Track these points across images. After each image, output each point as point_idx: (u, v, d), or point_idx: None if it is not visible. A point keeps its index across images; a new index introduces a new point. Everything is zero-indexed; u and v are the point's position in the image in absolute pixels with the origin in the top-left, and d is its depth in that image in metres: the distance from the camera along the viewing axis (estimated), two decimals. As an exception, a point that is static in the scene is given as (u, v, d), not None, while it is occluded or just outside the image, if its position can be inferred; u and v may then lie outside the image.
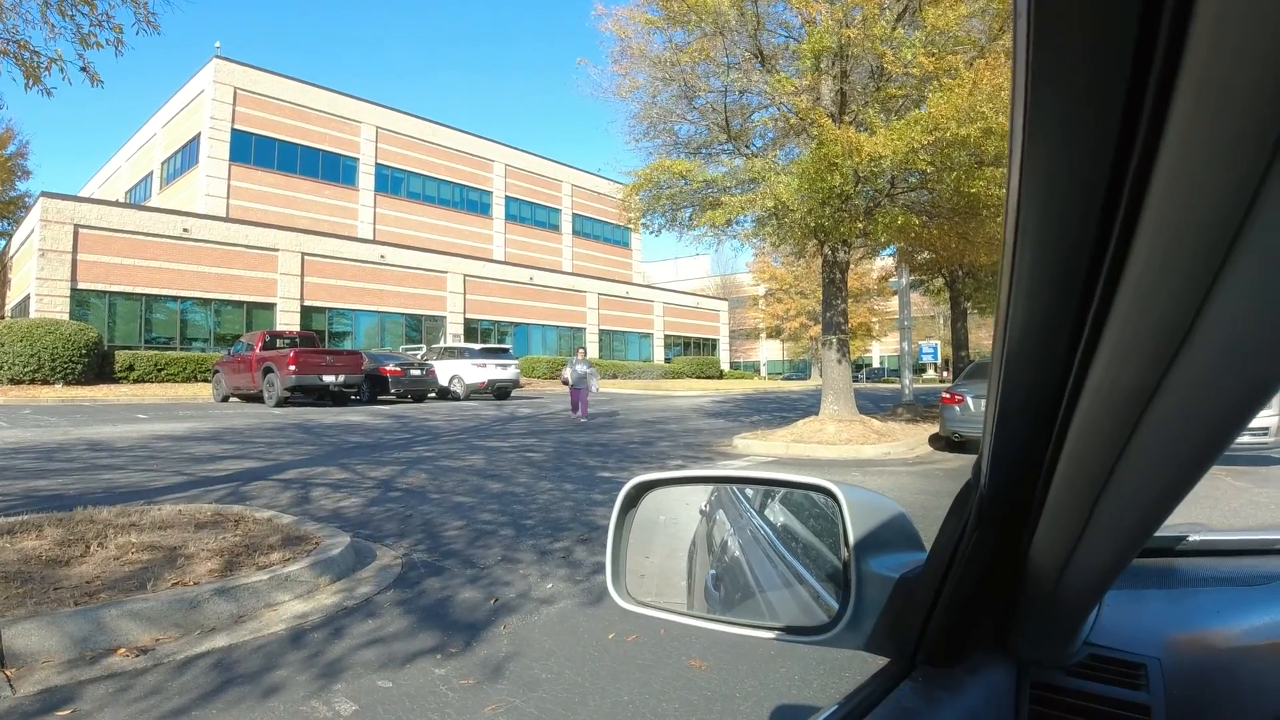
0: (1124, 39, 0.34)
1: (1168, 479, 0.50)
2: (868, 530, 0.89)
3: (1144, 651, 0.86)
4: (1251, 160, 0.30)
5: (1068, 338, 0.50)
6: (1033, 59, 0.36)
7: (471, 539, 6.01)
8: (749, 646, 3.73)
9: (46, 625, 3.58)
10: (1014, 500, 0.71)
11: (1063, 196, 0.42)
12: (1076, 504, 0.59)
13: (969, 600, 0.81)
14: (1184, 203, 0.34)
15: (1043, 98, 0.38)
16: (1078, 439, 0.54)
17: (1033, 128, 0.40)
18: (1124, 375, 0.45)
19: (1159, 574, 1.07)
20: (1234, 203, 0.31)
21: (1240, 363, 0.39)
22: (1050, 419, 0.58)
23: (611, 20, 14.37)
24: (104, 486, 7.93)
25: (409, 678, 3.45)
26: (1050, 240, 0.45)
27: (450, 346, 30.99)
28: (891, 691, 0.82)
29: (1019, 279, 0.49)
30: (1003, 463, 0.68)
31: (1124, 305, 0.42)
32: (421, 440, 13.49)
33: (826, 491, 0.95)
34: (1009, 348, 0.55)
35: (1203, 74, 0.30)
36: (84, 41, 7.10)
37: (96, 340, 26.65)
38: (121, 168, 49.94)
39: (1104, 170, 0.39)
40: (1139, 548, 0.62)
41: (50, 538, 4.94)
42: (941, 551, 0.81)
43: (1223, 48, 0.29)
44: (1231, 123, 0.30)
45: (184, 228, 31.58)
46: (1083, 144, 0.39)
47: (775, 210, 13.31)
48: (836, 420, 14.14)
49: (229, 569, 4.59)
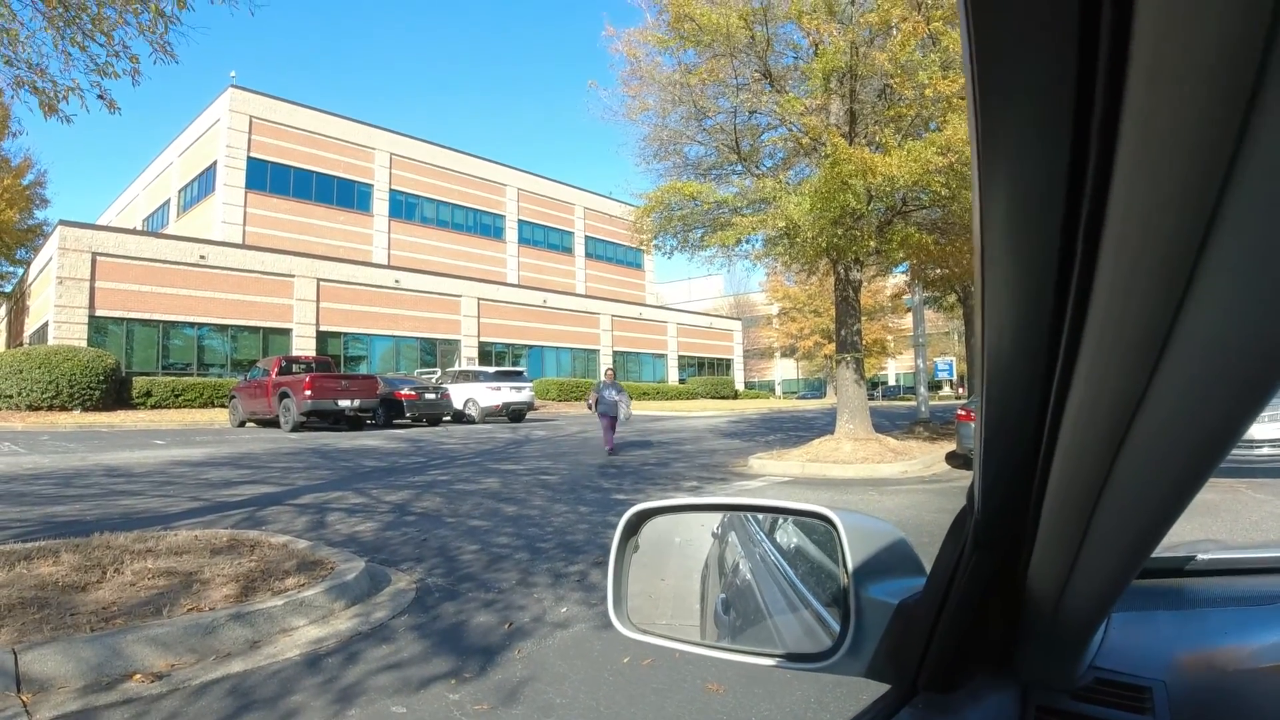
0: (1066, 57, 0.34)
1: (1159, 496, 0.50)
2: (867, 556, 0.88)
3: (1151, 674, 0.85)
4: (1203, 174, 0.30)
5: (1044, 361, 0.50)
6: (979, 75, 0.36)
7: (486, 563, 6.00)
8: (765, 671, 3.69)
9: (63, 651, 3.59)
10: (1009, 523, 0.70)
11: (1023, 218, 0.42)
12: (1070, 525, 0.59)
13: (969, 625, 0.80)
14: (1142, 217, 0.34)
15: (993, 118, 0.38)
16: (1065, 460, 0.54)
17: (987, 150, 0.39)
18: (1103, 396, 0.44)
19: (1168, 595, 1.05)
20: (1193, 211, 0.31)
21: (1219, 375, 0.38)
22: (1036, 441, 0.58)
23: (622, 42, 14.49)
24: (121, 512, 7.97)
25: (423, 703, 3.43)
26: (1016, 263, 0.45)
27: (464, 370, 31.09)
28: (891, 718, 0.81)
29: (991, 304, 0.49)
30: (995, 486, 0.68)
31: (1095, 327, 0.42)
32: (436, 464, 13.50)
33: (824, 518, 0.94)
34: (989, 371, 0.55)
35: (1147, 91, 0.30)
36: (101, 72, 7.20)
37: (114, 366, 26.85)
38: (139, 196, 50.54)
39: (1060, 189, 0.39)
40: (1137, 568, 0.61)
41: (67, 563, 4.96)
42: (940, 576, 0.80)
43: (1164, 60, 0.29)
44: (1181, 136, 0.30)
45: (200, 255, 31.87)
46: (1038, 164, 0.39)
47: (786, 230, 13.32)
48: (852, 439, 14.07)
49: (244, 594, 4.60)
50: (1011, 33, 0.34)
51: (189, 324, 31.64)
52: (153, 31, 7.21)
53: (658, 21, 13.94)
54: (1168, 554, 1.17)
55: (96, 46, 7.08)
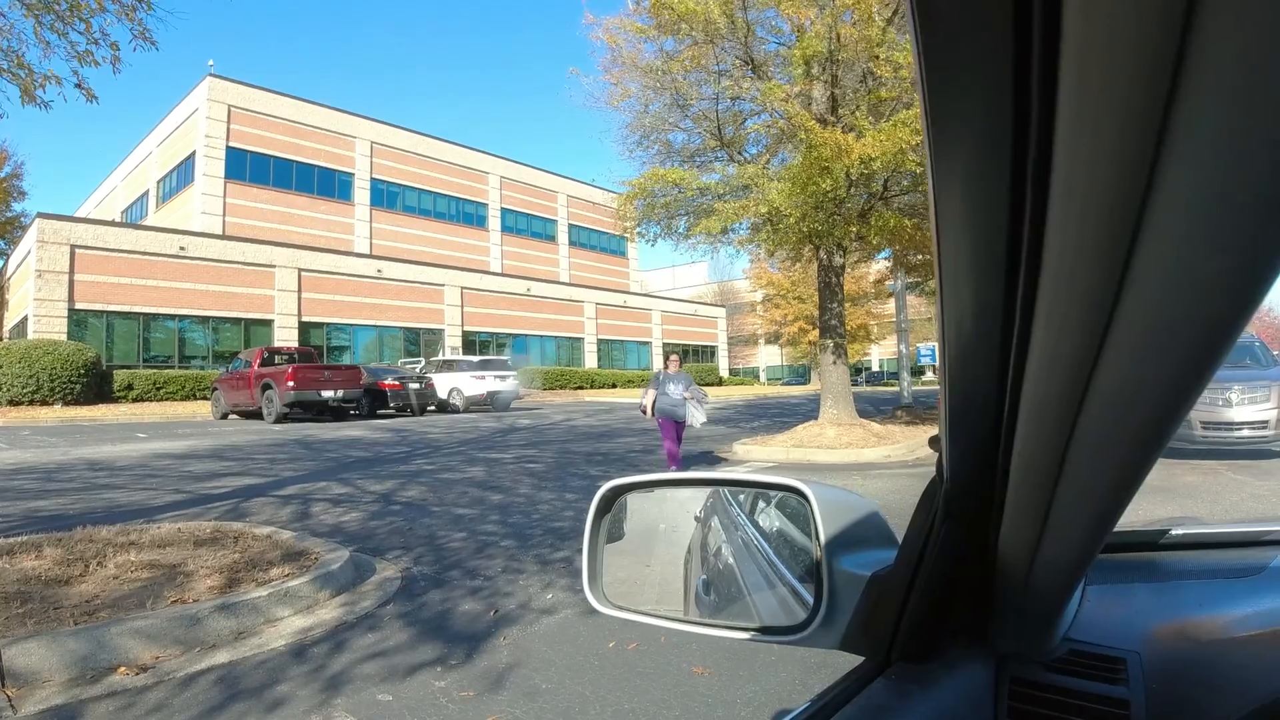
0: (1002, 51, 0.36)
1: (1116, 468, 0.51)
2: (840, 529, 0.88)
3: (1125, 645, 0.86)
4: (1134, 156, 0.31)
5: (1000, 337, 0.52)
6: (925, 61, 0.37)
7: (472, 551, 6.01)
8: (750, 653, 3.74)
9: (47, 644, 3.58)
10: (977, 495, 0.71)
11: (972, 201, 0.44)
12: (1035, 497, 0.60)
13: (941, 596, 0.81)
14: (1080, 198, 0.36)
15: (940, 110, 0.39)
16: (1025, 433, 0.55)
17: (937, 144, 0.41)
18: (1056, 370, 0.46)
19: (1143, 568, 1.06)
20: (1128, 191, 0.32)
21: (1162, 350, 0.40)
22: (998, 415, 0.59)
23: (602, 30, 14.43)
24: (104, 506, 7.93)
25: (409, 690, 3.45)
26: (967, 243, 0.47)
27: (449, 359, 31.00)
28: (864, 689, 0.82)
29: (948, 284, 0.50)
30: (962, 459, 0.69)
31: (1045, 305, 0.43)
32: (421, 453, 13.48)
33: (797, 491, 0.94)
34: (950, 350, 0.56)
35: (1079, 74, 0.31)
36: (81, 59, 7.12)
37: (95, 360, 26.63)
38: (118, 187, 49.97)
39: (1005, 175, 0.41)
40: (1102, 539, 0.63)
41: (50, 557, 4.94)
42: (911, 548, 0.81)
43: (1092, 46, 0.30)
44: (1111, 119, 0.31)
45: (180, 246, 31.57)
46: (982, 152, 0.41)
47: (769, 216, 13.34)
48: (836, 424, 14.14)
49: (229, 586, 4.59)
50: (951, 9, 0.35)
51: (170, 316, 31.36)
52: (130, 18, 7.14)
53: (638, 8, 13.90)
54: (1144, 528, 1.19)
55: (76, 34, 7.01)
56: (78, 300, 28.79)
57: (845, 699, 0.80)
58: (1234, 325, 0.37)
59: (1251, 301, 0.35)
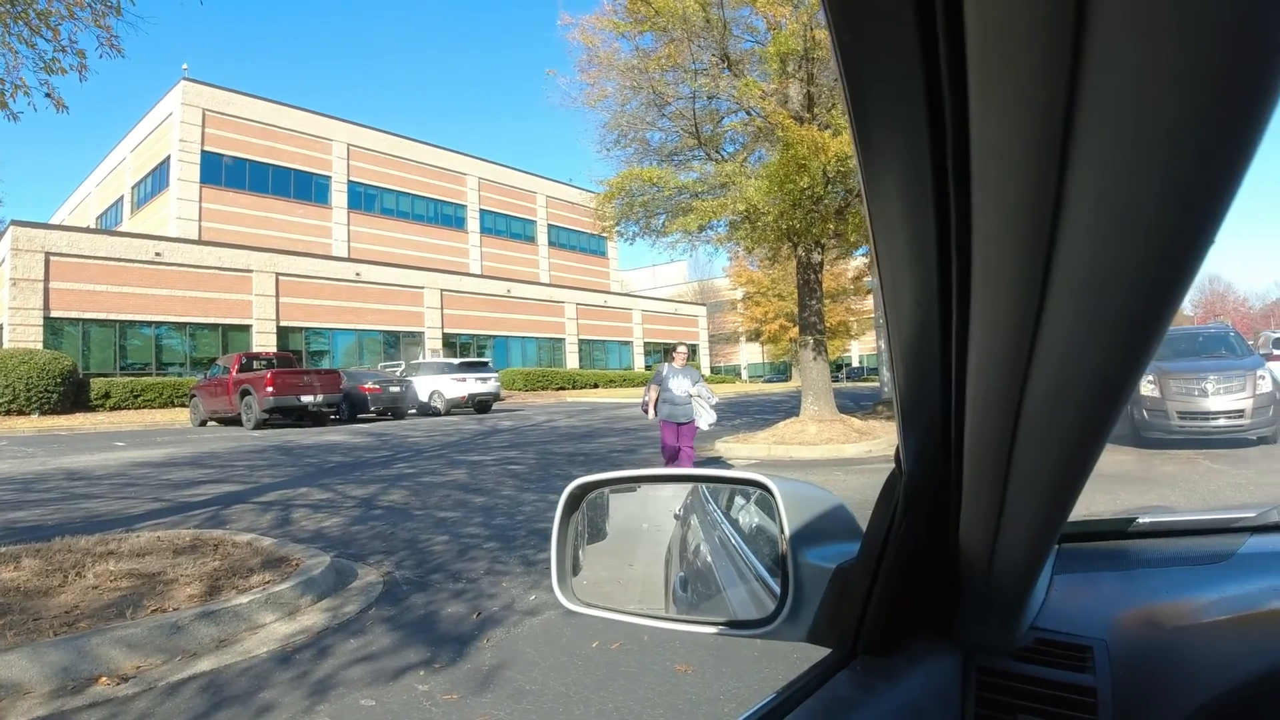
0: (911, 45, 0.37)
1: (1063, 455, 0.52)
2: (804, 522, 0.89)
3: (1092, 633, 0.86)
4: (1044, 155, 0.33)
5: (939, 329, 0.53)
6: (842, 60, 0.39)
7: (455, 554, 6.01)
8: (733, 650, 3.76)
9: (29, 656, 3.56)
10: (934, 487, 0.72)
11: (901, 200, 0.45)
12: (988, 486, 0.61)
13: (905, 588, 0.81)
14: (997, 190, 0.37)
15: (861, 108, 0.41)
16: (973, 423, 0.56)
17: (863, 143, 0.43)
18: (995, 358, 0.47)
19: (1110, 556, 1.06)
20: (1042, 183, 0.34)
21: (1092, 341, 0.41)
22: (946, 407, 0.61)
23: (578, 30, 14.44)
24: (83, 516, 7.85)
25: (393, 695, 3.45)
26: (901, 241, 0.48)
27: (429, 362, 30.85)
28: (828, 681, 0.82)
29: (887, 282, 0.52)
30: (918, 452, 0.70)
31: (978, 298, 0.45)
32: (403, 457, 13.43)
33: (762, 485, 0.95)
34: (895, 341, 0.58)
35: (981, 69, 0.33)
36: (48, 68, 7.05)
37: (71, 368, 26.29)
38: (91, 194, 49.40)
39: (928, 174, 0.42)
40: (1059, 526, 0.63)
41: (29, 568, 4.90)
42: (873, 540, 0.81)
43: (991, 37, 0.31)
44: (1017, 120, 0.33)
45: (156, 252, 31.24)
46: (904, 150, 0.42)
47: (747, 214, 13.38)
48: (817, 420, 14.20)
49: (210, 594, 4.57)
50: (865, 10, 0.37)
51: (146, 323, 31.03)
52: (100, 24, 7.07)
53: (614, 5, 13.90)
54: (1111, 516, 1.20)
55: (44, 42, 6.94)
56: (53, 308, 28.44)
57: (808, 692, 0.80)
58: (1159, 316, 0.38)
59: (1173, 291, 0.37)
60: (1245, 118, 0.28)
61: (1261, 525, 1.11)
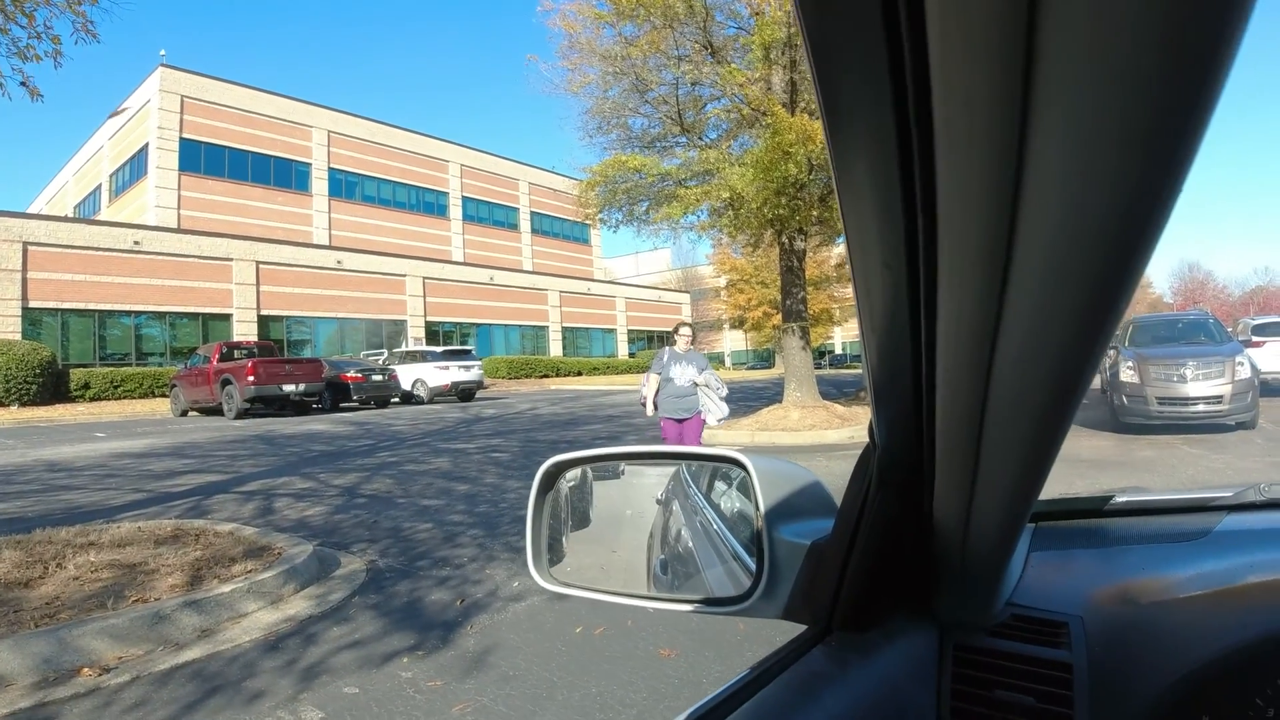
0: (877, 55, 0.38)
1: (1031, 430, 0.53)
2: (779, 498, 0.89)
3: (1068, 610, 0.87)
4: (1001, 149, 0.34)
5: (909, 302, 0.53)
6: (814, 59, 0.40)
7: (439, 541, 6.01)
8: (716, 633, 3.79)
9: (11, 647, 3.53)
10: (908, 460, 0.72)
11: (870, 173, 0.46)
12: (959, 461, 0.61)
13: (880, 564, 0.81)
14: (962, 154, 0.37)
15: (826, 83, 0.42)
16: (943, 396, 0.57)
17: (834, 141, 0.44)
18: (962, 331, 0.48)
19: (1086, 534, 1.06)
20: (1003, 147, 0.34)
21: (1056, 315, 0.42)
22: (917, 381, 0.61)
23: (559, 16, 14.35)
24: (64, 507, 7.80)
25: (377, 682, 3.45)
26: (870, 213, 0.49)
27: (412, 350, 30.73)
28: (802, 657, 0.81)
29: (856, 255, 0.53)
30: (890, 427, 0.71)
31: (945, 268, 0.46)
32: (386, 446, 13.39)
33: (736, 462, 0.96)
34: (865, 315, 0.58)
35: (943, 70, 0.34)
36: (22, 55, 6.95)
37: (50, 359, 26.03)
38: (69, 183, 48.84)
39: (893, 147, 0.43)
40: (1030, 502, 0.64)
41: (9, 560, 4.86)
42: (847, 515, 0.81)
43: (948, 20, 0.31)
44: (979, 117, 0.33)
45: (135, 240, 30.93)
46: (869, 127, 0.43)
47: (731, 201, 13.38)
48: (800, 407, 14.26)
49: (193, 583, 4.55)
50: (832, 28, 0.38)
51: (126, 312, 30.74)
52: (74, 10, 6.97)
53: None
54: (1089, 494, 1.22)
55: (18, 29, 6.84)
56: (32, 298, 28.13)
57: (783, 668, 0.80)
58: (1119, 293, 0.38)
59: (1132, 268, 0.37)
60: (1181, 110, 0.29)
61: (1239, 504, 1.11)
